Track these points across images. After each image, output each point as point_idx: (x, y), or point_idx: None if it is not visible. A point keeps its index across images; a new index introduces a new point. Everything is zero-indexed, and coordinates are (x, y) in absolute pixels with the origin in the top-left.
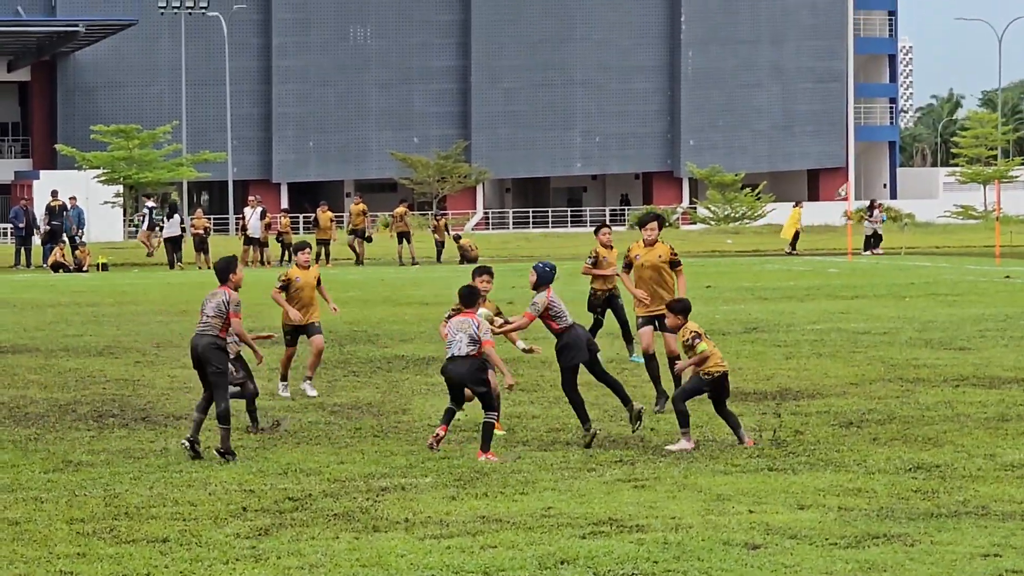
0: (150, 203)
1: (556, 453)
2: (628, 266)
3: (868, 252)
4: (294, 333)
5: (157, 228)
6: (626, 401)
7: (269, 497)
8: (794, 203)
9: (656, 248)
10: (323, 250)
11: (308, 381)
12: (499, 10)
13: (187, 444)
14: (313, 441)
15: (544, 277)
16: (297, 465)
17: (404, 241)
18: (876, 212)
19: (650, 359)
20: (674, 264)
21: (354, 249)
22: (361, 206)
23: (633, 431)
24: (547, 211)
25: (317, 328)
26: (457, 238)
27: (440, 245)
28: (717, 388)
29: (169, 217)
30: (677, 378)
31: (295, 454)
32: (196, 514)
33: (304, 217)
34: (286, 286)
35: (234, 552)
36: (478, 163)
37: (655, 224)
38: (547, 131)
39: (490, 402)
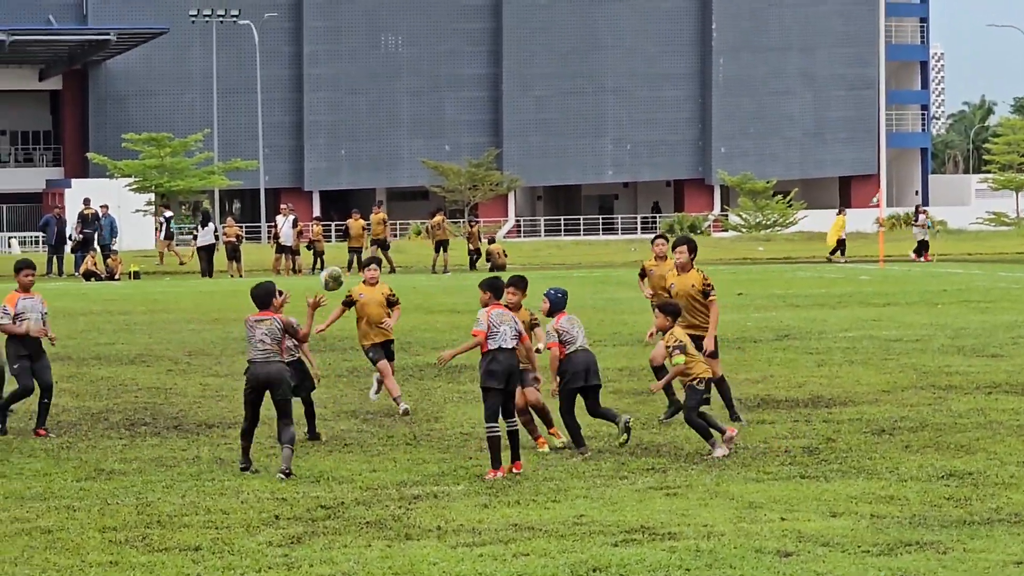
0: (168, 212)
1: (588, 461)
2: (642, 274)
3: (920, 259)
4: (373, 351)
5: (175, 237)
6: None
7: (302, 505)
8: (838, 210)
9: (690, 276)
10: (355, 258)
11: (397, 402)
12: (530, 18)
13: (247, 470)
14: (346, 449)
15: (557, 304)
16: (330, 473)
17: (441, 250)
18: (922, 218)
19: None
20: (706, 294)
21: (388, 259)
22: (381, 215)
23: (621, 444)
24: (579, 219)
25: (391, 347)
26: (491, 240)
27: (474, 253)
28: (707, 391)
29: (203, 226)
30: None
31: (328, 462)
32: (228, 522)
33: (336, 225)
34: (350, 302)
35: (266, 560)
36: (510, 171)
37: (685, 248)
38: (578, 139)
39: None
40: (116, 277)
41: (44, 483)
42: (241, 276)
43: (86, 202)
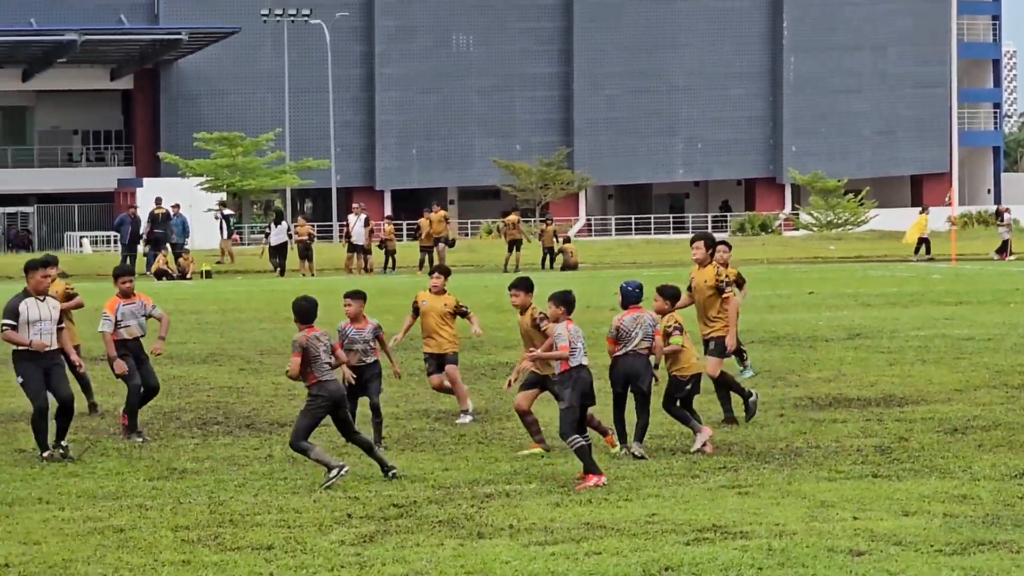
0: (227, 210)
1: (659, 460)
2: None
3: (1001, 258)
4: (427, 361)
5: (236, 235)
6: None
7: (374, 504)
8: (921, 209)
9: (705, 271)
10: (425, 257)
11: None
12: (600, 17)
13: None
14: (418, 448)
15: (629, 297)
16: (402, 472)
17: (515, 249)
18: (1007, 217)
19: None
20: (720, 290)
21: (430, 256)
22: (442, 213)
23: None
24: (649, 217)
25: (449, 358)
26: (566, 240)
27: (548, 252)
28: (693, 387)
29: (276, 224)
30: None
31: (400, 461)
32: (301, 521)
33: (408, 224)
34: (416, 309)
35: (339, 559)
36: (580, 170)
37: (701, 244)
38: (649, 137)
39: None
40: (188, 276)
41: (117, 482)
42: (313, 275)
43: (157, 201)
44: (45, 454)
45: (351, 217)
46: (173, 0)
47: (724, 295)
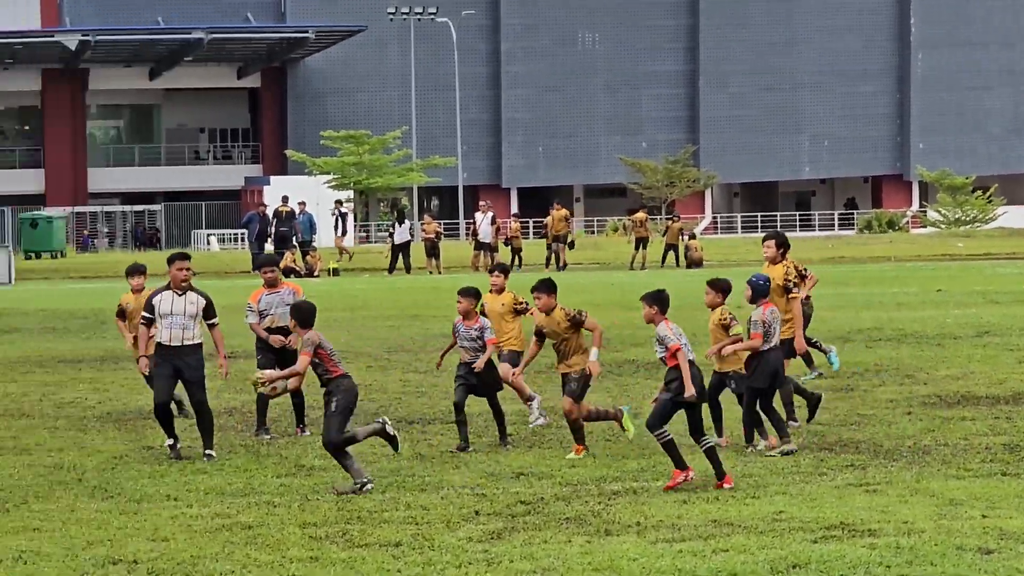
0: (343, 208)
1: (786, 457)
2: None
3: None
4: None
5: (349, 233)
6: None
7: (501, 501)
8: None
9: (776, 270)
10: (552, 254)
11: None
12: (726, 14)
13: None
14: (545, 445)
15: (759, 291)
16: (529, 469)
17: (641, 246)
18: None
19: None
20: (787, 289)
21: (557, 255)
22: (563, 212)
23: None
24: (775, 215)
25: (504, 357)
26: (692, 236)
27: (672, 249)
28: (737, 384)
29: (399, 223)
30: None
31: (527, 458)
32: (428, 518)
33: (534, 222)
34: (481, 311)
35: (466, 556)
36: (706, 167)
37: (772, 242)
38: (775, 135)
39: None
40: (315, 274)
41: (245, 479)
42: (440, 273)
43: (283, 200)
44: (169, 442)
45: (478, 215)
46: None
47: (790, 295)
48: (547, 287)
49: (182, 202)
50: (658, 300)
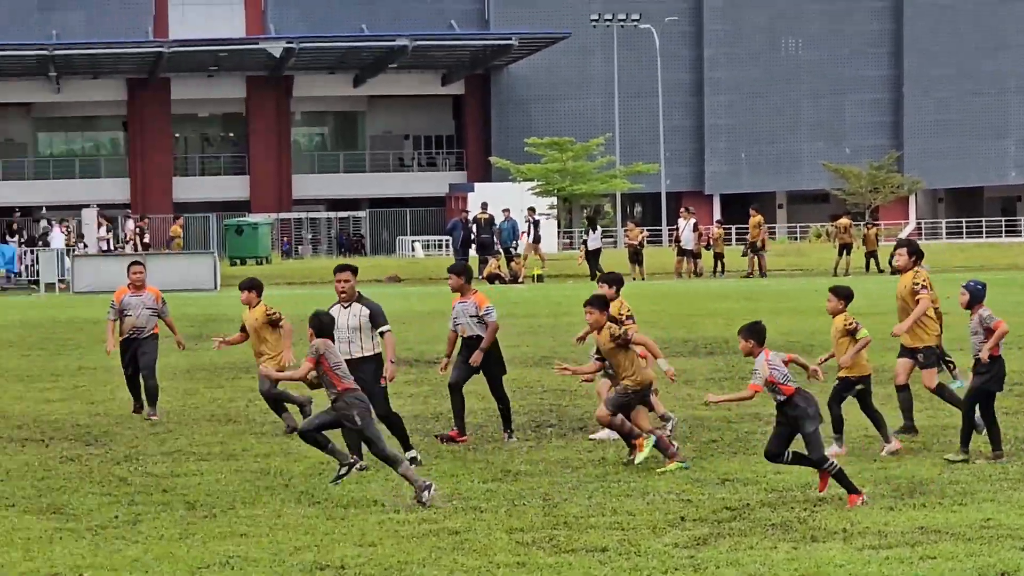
0: (536, 216)
1: (994, 465)
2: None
3: None
4: None
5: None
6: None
7: (707, 507)
8: None
9: (905, 277)
10: (754, 257)
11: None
12: (931, 19)
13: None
14: (750, 451)
15: (976, 295)
16: (735, 475)
17: (845, 253)
18: None
19: (901, 389)
20: (914, 292)
21: (756, 262)
22: (757, 219)
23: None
24: (980, 221)
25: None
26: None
27: (870, 256)
28: (865, 387)
29: (592, 230)
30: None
31: (732, 464)
32: (635, 523)
33: (737, 228)
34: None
35: (673, 562)
36: (910, 173)
37: (904, 250)
38: (980, 140)
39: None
40: (520, 280)
41: (451, 484)
42: (644, 279)
43: (483, 206)
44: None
45: (680, 221)
46: (503, 6)
47: (917, 296)
48: (598, 303)
49: (386, 208)
50: (754, 333)
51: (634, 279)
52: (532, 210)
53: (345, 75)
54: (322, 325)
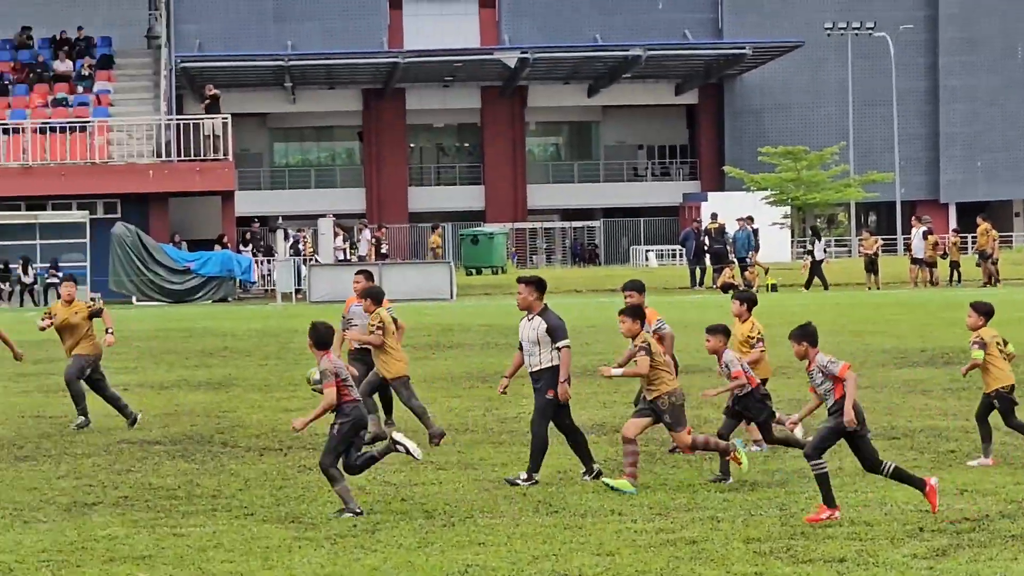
0: (754, 225)
1: None
2: None
3: None
4: None
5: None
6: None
7: (945, 518)
8: None
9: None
10: (989, 267)
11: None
12: None
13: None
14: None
15: None
16: (973, 486)
17: None
18: None
19: None
20: None
21: (989, 271)
22: (984, 226)
23: None
24: None
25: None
26: None
27: None
28: (1005, 402)
29: (817, 239)
30: None
31: (970, 475)
32: (873, 534)
33: (972, 237)
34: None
35: (911, 573)
36: None
37: None
38: None
39: None
40: (754, 289)
41: (688, 494)
42: (879, 288)
43: (713, 217)
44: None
45: (914, 230)
46: (737, 15)
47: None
48: (632, 313)
49: (619, 218)
50: (806, 335)
51: (868, 288)
52: (751, 219)
53: (579, 85)
54: (319, 336)
